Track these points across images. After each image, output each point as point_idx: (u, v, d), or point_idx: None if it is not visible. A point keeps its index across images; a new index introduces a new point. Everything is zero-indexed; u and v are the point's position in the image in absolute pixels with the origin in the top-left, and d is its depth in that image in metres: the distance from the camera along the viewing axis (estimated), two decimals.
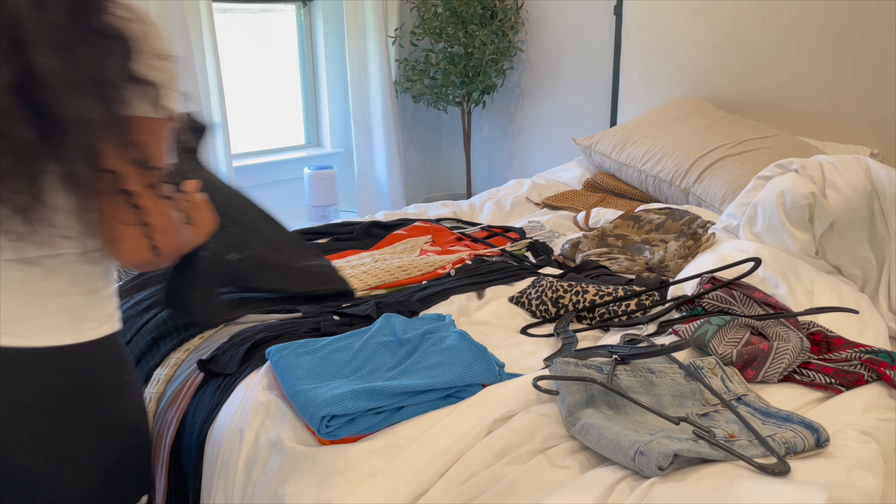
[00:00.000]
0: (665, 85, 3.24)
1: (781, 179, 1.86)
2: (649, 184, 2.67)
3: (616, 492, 1.02)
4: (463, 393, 1.26)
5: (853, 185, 1.77)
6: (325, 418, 1.16)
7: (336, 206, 3.86)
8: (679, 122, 2.78)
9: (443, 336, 1.39)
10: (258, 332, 1.51)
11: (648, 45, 3.26)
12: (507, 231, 2.32)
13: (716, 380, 1.27)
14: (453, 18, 3.72)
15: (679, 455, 1.03)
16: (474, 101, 3.91)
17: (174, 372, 1.47)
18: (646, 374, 1.26)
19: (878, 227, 1.76)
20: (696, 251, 1.93)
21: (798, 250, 1.77)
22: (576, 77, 3.68)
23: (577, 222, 2.40)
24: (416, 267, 1.89)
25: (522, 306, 1.72)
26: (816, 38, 2.75)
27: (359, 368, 1.33)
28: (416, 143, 4.43)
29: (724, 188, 2.39)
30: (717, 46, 3.03)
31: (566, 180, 2.97)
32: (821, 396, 1.29)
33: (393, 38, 3.96)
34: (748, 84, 2.97)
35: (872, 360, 1.30)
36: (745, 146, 2.52)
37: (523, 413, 1.19)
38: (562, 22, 3.67)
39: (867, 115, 2.68)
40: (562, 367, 1.23)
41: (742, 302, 1.51)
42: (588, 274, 1.89)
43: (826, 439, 1.10)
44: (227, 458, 1.27)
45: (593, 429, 1.10)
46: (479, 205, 2.67)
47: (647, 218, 2.16)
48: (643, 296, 1.65)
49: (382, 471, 1.10)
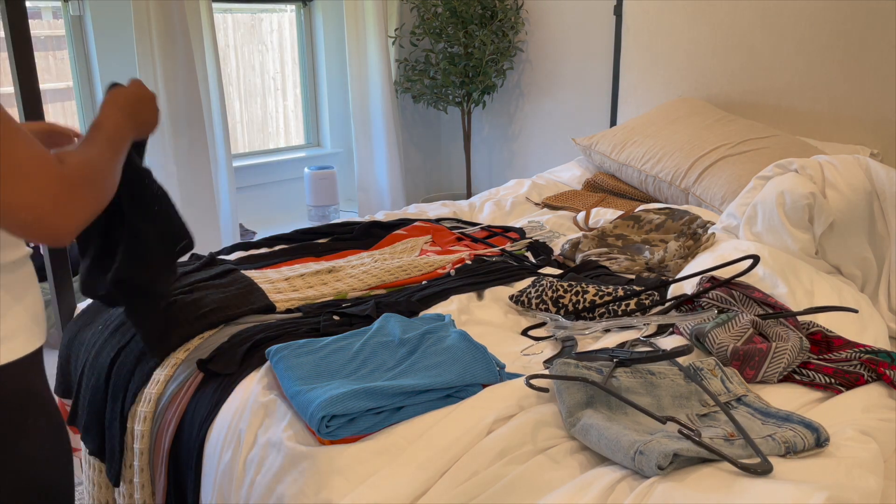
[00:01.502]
0: (665, 85, 3.24)
1: (781, 179, 1.86)
2: (649, 184, 2.67)
3: (616, 491, 1.02)
4: (463, 393, 1.26)
5: (853, 185, 1.77)
6: (324, 418, 1.16)
7: (336, 206, 3.86)
8: (679, 122, 2.78)
9: (443, 336, 1.39)
10: (258, 332, 1.51)
11: (648, 45, 3.26)
12: (507, 231, 2.32)
13: (715, 381, 1.27)
14: (453, 18, 3.72)
15: (679, 454, 1.03)
16: (474, 101, 3.91)
17: (173, 372, 1.47)
18: (646, 376, 1.26)
19: (878, 227, 1.76)
20: (695, 251, 1.93)
21: (798, 250, 1.77)
22: (576, 77, 3.68)
23: (577, 222, 2.40)
24: (416, 267, 1.89)
25: (522, 305, 1.72)
26: (816, 39, 2.75)
27: (359, 368, 1.33)
28: (416, 143, 4.43)
29: (724, 188, 2.39)
30: (717, 46, 3.03)
31: (566, 180, 2.97)
32: (821, 396, 1.29)
33: (393, 38, 3.96)
34: (748, 84, 2.97)
35: (872, 360, 1.31)
36: (745, 146, 2.52)
37: (523, 413, 1.19)
38: (562, 22, 3.67)
39: (867, 115, 2.68)
40: (562, 368, 1.23)
41: (742, 302, 1.52)
42: (588, 274, 1.89)
43: (826, 439, 1.10)
44: (227, 458, 1.27)
45: (593, 429, 1.10)
46: (479, 205, 2.67)
47: (647, 218, 2.16)
48: (643, 296, 1.65)
49: (382, 471, 1.10)
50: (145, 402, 1.45)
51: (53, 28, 3.32)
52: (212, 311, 1.58)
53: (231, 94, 3.89)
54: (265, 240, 2.19)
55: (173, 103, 3.15)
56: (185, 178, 3.22)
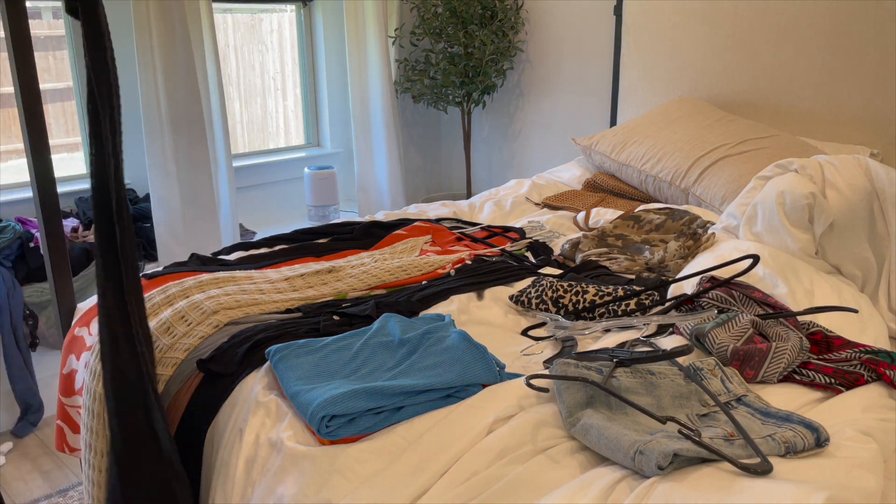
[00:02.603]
0: (665, 85, 3.24)
1: (781, 179, 1.86)
2: (649, 184, 2.67)
3: (616, 491, 1.02)
4: (463, 393, 1.26)
5: (853, 185, 1.77)
6: (324, 418, 1.16)
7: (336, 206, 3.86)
8: (679, 122, 2.78)
9: (443, 336, 1.39)
10: (258, 332, 1.51)
11: (648, 45, 3.26)
12: (507, 231, 2.32)
13: (715, 381, 1.27)
14: (453, 18, 3.72)
15: (679, 454, 1.03)
16: (474, 101, 3.91)
17: (173, 372, 1.47)
18: (646, 376, 1.26)
19: (878, 227, 1.76)
20: (695, 251, 1.93)
21: (798, 250, 1.77)
22: (576, 77, 3.69)
23: (577, 222, 2.40)
24: (416, 267, 1.89)
25: (522, 305, 1.72)
26: (816, 38, 2.75)
27: (358, 368, 1.33)
28: (416, 143, 4.43)
29: (724, 188, 2.39)
30: (717, 46, 3.03)
31: (566, 180, 2.97)
32: (821, 396, 1.29)
33: (393, 38, 3.97)
34: (748, 84, 2.97)
35: (872, 360, 1.31)
36: (745, 146, 2.52)
37: (523, 413, 1.20)
38: (562, 22, 3.68)
39: (867, 115, 2.68)
40: (562, 368, 1.23)
41: (741, 302, 1.52)
42: (588, 274, 1.89)
43: (826, 439, 1.10)
44: (227, 458, 1.27)
45: (593, 429, 1.10)
46: (479, 205, 2.67)
47: (647, 218, 2.16)
48: (643, 296, 1.65)
49: (382, 471, 1.10)
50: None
51: (53, 28, 3.32)
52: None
53: (231, 95, 3.89)
54: (265, 240, 2.19)
55: (173, 103, 3.15)
56: (185, 178, 3.23)
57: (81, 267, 3.03)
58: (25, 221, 3.05)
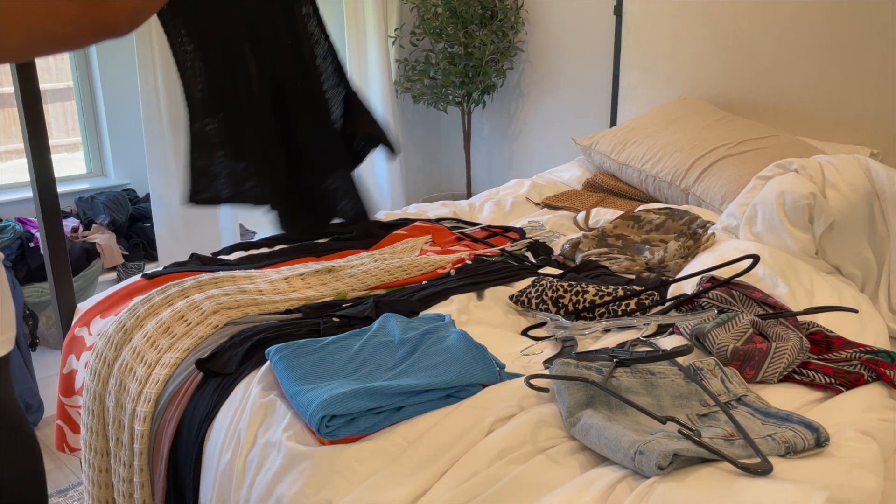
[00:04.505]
0: (665, 85, 3.24)
1: (781, 179, 1.86)
2: (649, 184, 2.67)
3: (616, 491, 1.02)
4: (463, 393, 1.26)
5: (853, 185, 1.77)
6: (324, 418, 1.16)
7: None
8: (679, 122, 2.78)
9: (442, 336, 1.39)
10: (258, 332, 1.51)
11: (648, 45, 3.26)
12: (507, 231, 2.32)
13: (715, 381, 1.27)
14: (453, 18, 3.72)
15: (679, 454, 1.03)
16: (474, 101, 3.91)
17: (172, 372, 1.47)
18: (646, 376, 1.26)
19: (878, 227, 1.76)
20: (695, 251, 1.93)
21: (798, 250, 1.77)
22: (576, 77, 3.68)
23: (577, 222, 2.40)
24: (416, 267, 1.89)
25: (522, 305, 1.72)
26: (816, 38, 2.75)
27: (358, 369, 1.33)
28: (416, 143, 4.43)
29: (724, 188, 2.39)
30: (717, 46, 3.03)
31: (566, 180, 2.97)
32: (821, 396, 1.29)
33: (393, 38, 3.96)
34: (748, 84, 2.97)
35: (872, 360, 1.30)
36: (745, 146, 2.52)
37: (523, 413, 1.19)
38: (562, 22, 3.68)
39: (867, 115, 2.68)
40: (562, 368, 1.23)
41: (741, 302, 1.52)
42: (588, 274, 1.89)
43: (826, 439, 1.10)
44: (227, 459, 1.27)
45: (593, 429, 1.10)
46: (479, 205, 2.67)
47: (647, 218, 2.16)
48: (643, 296, 1.65)
49: (382, 471, 1.10)
50: (145, 401, 1.45)
51: None
52: None
53: None
54: (265, 240, 2.19)
55: (173, 103, 3.15)
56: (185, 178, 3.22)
57: (81, 267, 3.03)
58: (25, 221, 3.05)
